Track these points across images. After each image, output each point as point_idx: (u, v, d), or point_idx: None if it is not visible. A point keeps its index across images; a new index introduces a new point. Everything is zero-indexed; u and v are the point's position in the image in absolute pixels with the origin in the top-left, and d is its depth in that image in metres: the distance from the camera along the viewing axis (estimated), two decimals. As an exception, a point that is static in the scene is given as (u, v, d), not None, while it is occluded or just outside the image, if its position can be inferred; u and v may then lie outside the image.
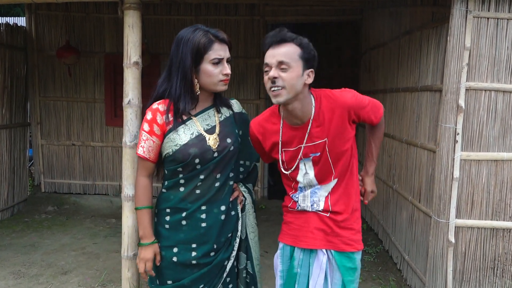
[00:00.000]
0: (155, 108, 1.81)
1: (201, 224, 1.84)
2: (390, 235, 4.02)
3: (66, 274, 3.63)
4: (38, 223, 4.98)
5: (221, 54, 1.78)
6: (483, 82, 2.74)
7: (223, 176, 1.86)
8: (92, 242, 4.41)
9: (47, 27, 5.69)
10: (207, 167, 1.81)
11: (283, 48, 1.68)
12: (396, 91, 3.89)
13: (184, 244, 1.85)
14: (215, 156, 1.82)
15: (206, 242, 1.85)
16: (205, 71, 1.77)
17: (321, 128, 1.78)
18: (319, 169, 1.84)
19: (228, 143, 1.85)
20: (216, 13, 5.61)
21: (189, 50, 1.75)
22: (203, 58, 1.76)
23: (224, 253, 1.90)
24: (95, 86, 5.76)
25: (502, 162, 2.79)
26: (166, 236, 1.87)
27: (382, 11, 4.53)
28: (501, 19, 2.69)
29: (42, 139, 5.85)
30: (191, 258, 1.85)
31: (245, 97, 5.71)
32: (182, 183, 1.84)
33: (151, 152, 1.81)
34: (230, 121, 1.93)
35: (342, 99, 1.78)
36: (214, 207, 1.86)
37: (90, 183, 5.88)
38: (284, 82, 1.66)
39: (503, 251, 2.86)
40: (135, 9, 2.75)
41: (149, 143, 1.80)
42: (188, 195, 1.83)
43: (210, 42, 1.76)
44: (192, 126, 1.82)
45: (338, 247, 1.88)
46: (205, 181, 1.83)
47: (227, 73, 1.80)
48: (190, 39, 1.76)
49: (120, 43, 5.67)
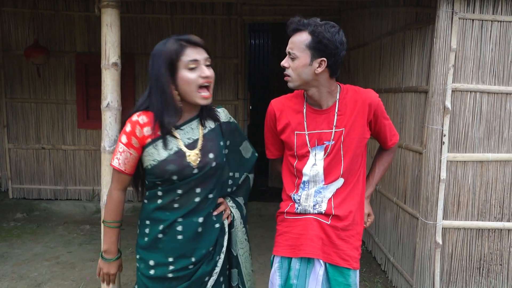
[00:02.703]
0: (134, 121, 1.71)
1: (177, 236, 1.74)
2: (373, 236, 4.02)
3: (39, 286, 3.44)
4: (6, 232, 4.72)
5: (195, 57, 1.67)
6: (469, 83, 2.75)
7: (204, 191, 1.76)
8: (66, 250, 4.20)
9: (14, 25, 5.40)
10: (187, 182, 1.71)
11: (294, 37, 1.74)
12: (378, 92, 3.86)
13: (162, 258, 1.76)
14: (195, 173, 1.71)
15: (184, 255, 1.75)
16: (182, 78, 1.66)
17: (342, 117, 1.80)
18: (329, 162, 1.80)
19: (210, 159, 1.74)
20: (192, 12, 5.47)
21: (162, 62, 1.66)
22: (178, 66, 1.66)
23: (205, 267, 1.79)
24: (65, 87, 5.50)
25: (487, 163, 2.81)
26: (145, 248, 1.79)
27: (361, 12, 4.52)
28: (485, 21, 2.70)
29: (9, 143, 5.55)
30: (168, 272, 1.75)
31: (223, 98, 5.60)
32: (160, 195, 1.75)
33: (127, 165, 1.72)
34: (216, 133, 1.81)
35: (366, 93, 1.84)
36: (191, 219, 1.75)
37: (61, 188, 5.63)
38: (291, 71, 1.75)
39: (489, 251, 2.88)
40: (113, 7, 2.61)
41: (126, 155, 1.71)
42: (166, 207, 1.74)
43: (182, 47, 1.67)
44: (172, 141, 1.71)
45: (332, 260, 1.82)
46: (184, 196, 1.73)
47: (206, 76, 1.68)
48: (162, 51, 1.68)
49: (92, 42, 5.54)
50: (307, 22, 1.71)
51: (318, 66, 1.71)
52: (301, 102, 1.86)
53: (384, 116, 1.87)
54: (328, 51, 1.69)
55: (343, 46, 1.73)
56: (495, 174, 2.82)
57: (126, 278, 3.43)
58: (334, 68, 1.75)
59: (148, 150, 1.69)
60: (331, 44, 1.68)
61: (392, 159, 2.08)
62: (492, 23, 2.71)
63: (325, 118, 1.81)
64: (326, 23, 1.71)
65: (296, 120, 1.84)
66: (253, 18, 5.56)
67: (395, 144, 1.98)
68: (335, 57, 1.71)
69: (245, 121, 5.73)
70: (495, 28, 2.71)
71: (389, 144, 1.95)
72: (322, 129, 1.81)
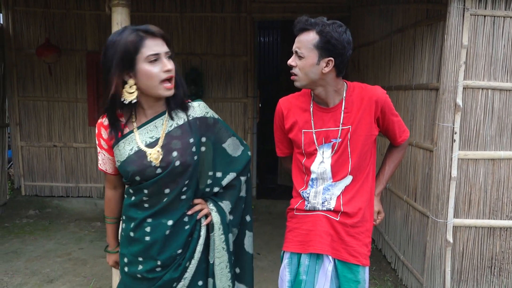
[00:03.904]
0: (99, 122, 1.68)
1: (145, 237, 1.69)
2: (383, 234, 4.00)
3: (52, 282, 3.49)
4: (19, 228, 4.79)
5: (156, 50, 1.54)
6: (480, 80, 2.72)
7: (173, 192, 1.65)
8: (78, 247, 4.26)
9: (26, 24, 5.47)
10: (153, 182, 1.62)
11: (302, 36, 1.73)
12: (388, 89, 3.86)
13: (133, 256, 1.73)
14: (159, 173, 1.61)
15: (150, 257, 1.69)
16: (142, 72, 1.53)
17: (349, 114, 1.80)
18: (336, 159, 1.80)
19: (173, 157, 1.61)
20: (201, 10, 5.49)
21: (116, 53, 1.52)
22: (136, 59, 1.53)
23: (173, 273, 1.69)
24: (77, 85, 5.57)
25: (499, 161, 2.78)
26: (122, 243, 1.80)
27: (371, 9, 4.49)
28: (497, 17, 2.67)
29: (21, 140, 5.63)
30: (137, 272, 1.72)
31: (232, 95, 5.62)
32: (131, 193, 1.71)
33: (106, 165, 1.74)
34: (184, 130, 1.67)
35: (373, 90, 1.83)
36: (160, 221, 1.67)
37: (73, 185, 5.70)
38: (298, 70, 1.75)
39: (500, 249, 2.85)
40: (124, 6, 2.63)
41: (102, 156, 1.72)
42: (137, 205, 1.70)
43: (140, 39, 1.52)
44: (132, 140, 1.63)
45: (341, 256, 1.82)
46: (152, 196, 1.66)
47: (168, 69, 1.55)
48: (117, 41, 1.53)
49: (103, 41, 5.56)
50: (314, 21, 1.70)
51: (325, 65, 1.71)
52: (308, 101, 1.87)
53: (392, 112, 1.86)
54: (335, 50, 1.69)
55: (350, 46, 1.74)
56: (507, 172, 2.79)
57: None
58: (341, 67, 1.75)
59: (115, 150, 1.66)
60: (339, 43, 1.69)
61: (403, 156, 2.06)
62: (505, 19, 2.67)
63: (331, 116, 1.81)
64: (333, 22, 1.71)
65: (303, 118, 1.85)
66: (263, 16, 5.56)
67: (405, 140, 1.96)
68: (342, 57, 1.72)
69: (255, 119, 5.74)
70: (507, 25, 2.68)
71: (398, 140, 1.94)
72: (329, 127, 1.81)
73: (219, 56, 5.56)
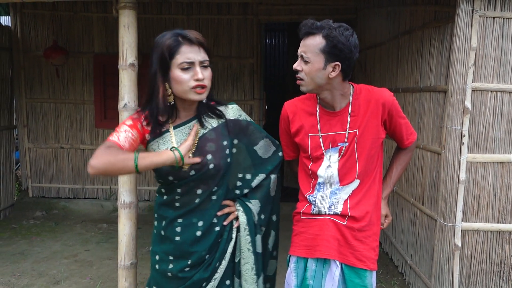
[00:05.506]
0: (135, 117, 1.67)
1: (175, 237, 1.72)
2: (390, 237, 3.97)
3: (58, 283, 3.50)
4: (26, 230, 4.81)
5: (190, 57, 1.56)
6: (489, 83, 2.69)
7: (205, 192, 1.69)
8: (84, 249, 4.27)
9: (33, 27, 5.51)
10: (185, 183, 1.66)
11: (308, 40, 1.69)
12: (395, 91, 3.83)
13: (164, 254, 1.75)
14: (192, 174, 1.65)
15: (180, 256, 1.72)
16: (174, 78, 1.58)
17: (355, 118, 1.77)
18: (343, 163, 1.78)
19: (208, 160, 1.65)
20: (208, 12, 5.49)
21: (156, 57, 1.58)
22: (171, 64, 1.57)
23: (203, 273, 1.72)
24: (84, 87, 5.59)
25: (508, 164, 2.74)
26: (153, 241, 1.82)
27: (378, 10, 4.47)
28: (507, 19, 2.64)
29: (29, 142, 5.67)
30: (168, 270, 1.75)
31: (238, 97, 5.61)
32: (164, 192, 1.74)
33: (126, 142, 1.59)
34: (218, 133, 1.71)
35: (380, 92, 1.80)
36: (191, 222, 1.70)
37: (79, 187, 5.72)
38: (304, 74, 1.72)
39: (510, 254, 2.82)
40: (131, 9, 2.63)
41: (128, 134, 1.60)
42: (169, 204, 1.72)
43: (177, 44, 1.55)
44: (168, 140, 1.66)
45: (348, 261, 1.80)
46: (184, 196, 1.69)
47: (198, 78, 1.57)
48: (158, 45, 1.58)
49: (110, 43, 5.59)
50: (320, 25, 1.67)
51: (332, 70, 1.68)
52: (314, 104, 1.84)
53: (399, 115, 1.83)
54: (342, 55, 1.66)
55: (356, 49, 1.71)
56: (516, 175, 2.75)
57: (143, 277, 3.46)
58: (348, 71, 1.73)
59: (151, 145, 1.67)
60: (346, 48, 1.65)
61: (410, 159, 2.04)
62: (514, 21, 2.65)
63: (338, 119, 1.79)
64: (340, 25, 1.68)
65: (310, 122, 1.83)
66: (269, 18, 5.55)
67: (412, 143, 1.94)
68: (349, 61, 1.69)
69: (261, 121, 5.73)
70: (517, 26, 2.65)
71: (406, 143, 1.92)
72: (336, 131, 1.79)
73: (225, 58, 5.56)
